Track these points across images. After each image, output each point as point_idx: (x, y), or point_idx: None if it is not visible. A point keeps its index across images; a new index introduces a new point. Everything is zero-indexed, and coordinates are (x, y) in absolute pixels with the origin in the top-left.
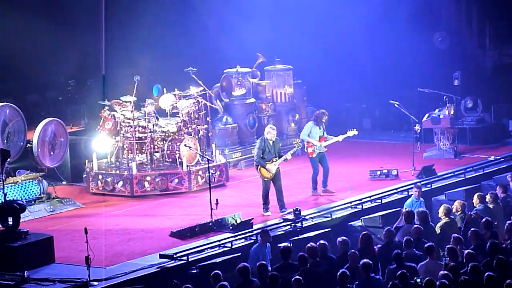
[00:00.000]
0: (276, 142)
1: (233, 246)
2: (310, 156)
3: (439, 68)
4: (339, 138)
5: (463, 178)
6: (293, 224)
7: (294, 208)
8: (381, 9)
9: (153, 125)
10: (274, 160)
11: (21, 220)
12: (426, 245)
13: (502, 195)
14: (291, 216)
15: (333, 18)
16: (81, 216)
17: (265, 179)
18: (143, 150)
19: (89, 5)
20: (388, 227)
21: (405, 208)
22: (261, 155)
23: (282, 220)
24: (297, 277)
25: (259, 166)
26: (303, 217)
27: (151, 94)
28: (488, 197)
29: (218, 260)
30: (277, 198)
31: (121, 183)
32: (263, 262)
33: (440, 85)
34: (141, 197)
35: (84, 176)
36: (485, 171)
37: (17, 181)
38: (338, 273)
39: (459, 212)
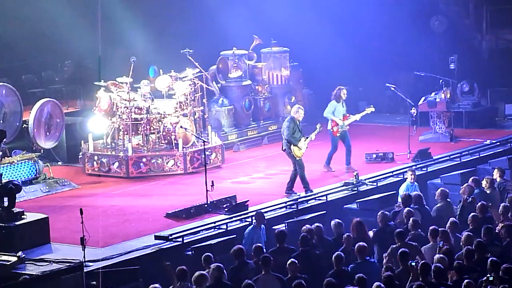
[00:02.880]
0: (300, 122)
1: (228, 228)
2: (334, 134)
3: (435, 52)
4: (358, 117)
5: (459, 161)
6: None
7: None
8: None
9: (149, 106)
10: (304, 139)
11: (16, 201)
12: (430, 228)
13: (499, 179)
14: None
15: (330, 1)
16: (76, 197)
17: (297, 158)
18: (139, 132)
19: None
20: (382, 211)
21: (402, 192)
22: (292, 135)
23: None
24: (292, 260)
25: (292, 145)
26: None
27: (147, 76)
28: (484, 182)
29: (213, 241)
30: (292, 177)
31: (116, 164)
32: (259, 244)
33: (436, 68)
34: (137, 178)
35: (79, 157)
36: (481, 155)
37: (13, 162)
38: (333, 256)
39: (466, 195)
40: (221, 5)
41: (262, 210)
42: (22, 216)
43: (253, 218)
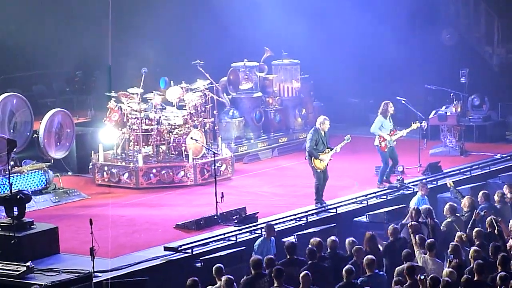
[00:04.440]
0: (326, 133)
1: (238, 240)
2: (382, 150)
3: (446, 65)
4: (404, 132)
5: (469, 175)
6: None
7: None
8: (389, 5)
9: (160, 117)
10: (327, 151)
11: (26, 211)
12: (427, 241)
13: (510, 195)
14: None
15: (341, 13)
16: (86, 207)
17: (318, 170)
18: (149, 142)
19: None
20: (392, 224)
21: (412, 206)
22: (315, 146)
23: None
24: (305, 271)
25: (313, 158)
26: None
27: (158, 87)
28: (496, 196)
29: (223, 253)
30: (322, 188)
31: (126, 175)
32: (271, 256)
33: (447, 82)
34: (147, 189)
35: (90, 167)
36: (491, 169)
37: (23, 171)
38: (344, 269)
39: (466, 208)
40: (232, 17)
41: (272, 222)
42: (32, 226)
43: (263, 230)
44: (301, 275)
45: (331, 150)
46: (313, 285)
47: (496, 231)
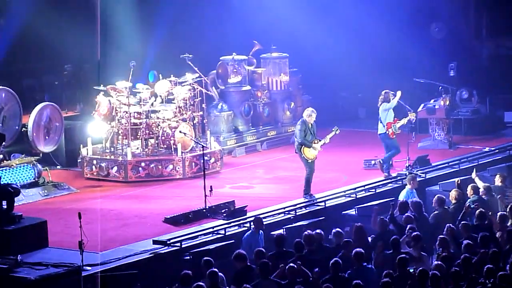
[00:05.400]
0: (313, 125)
1: (227, 233)
2: (391, 137)
3: (435, 59)
4: (404, 121)
5: (458, 168)
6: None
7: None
8: (378, 0)
9: (148, 111)
10: (316, 142)
11: (15, 204)
12: (412, 234)
13: (500, 184)
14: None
15: (330, 7)
16: (75, 201)
17: (309, 161)
18: (138, 136)
19: None
20: (381, 217)
21: (401, 199)
22: (304, 137)
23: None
24: (291, 264)
25: (304, 148)
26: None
27: (147, 80)
28: (481, 189)
29: (212, 246)
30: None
31: (115, 168)
32: (261, 249)
33: (435, 75)
34: (136, 183)
35: (78, 161)
36: (479, 162)
37: (12, 165)
38: (331, 262)
39: (454, 200)
40: (221, 11)
41: (261, 216)
42: (21, 220)
43: (252, 223)
44: (287, 267)
45: (319, 141)
46: (299, 277)
47: (485, 224)
